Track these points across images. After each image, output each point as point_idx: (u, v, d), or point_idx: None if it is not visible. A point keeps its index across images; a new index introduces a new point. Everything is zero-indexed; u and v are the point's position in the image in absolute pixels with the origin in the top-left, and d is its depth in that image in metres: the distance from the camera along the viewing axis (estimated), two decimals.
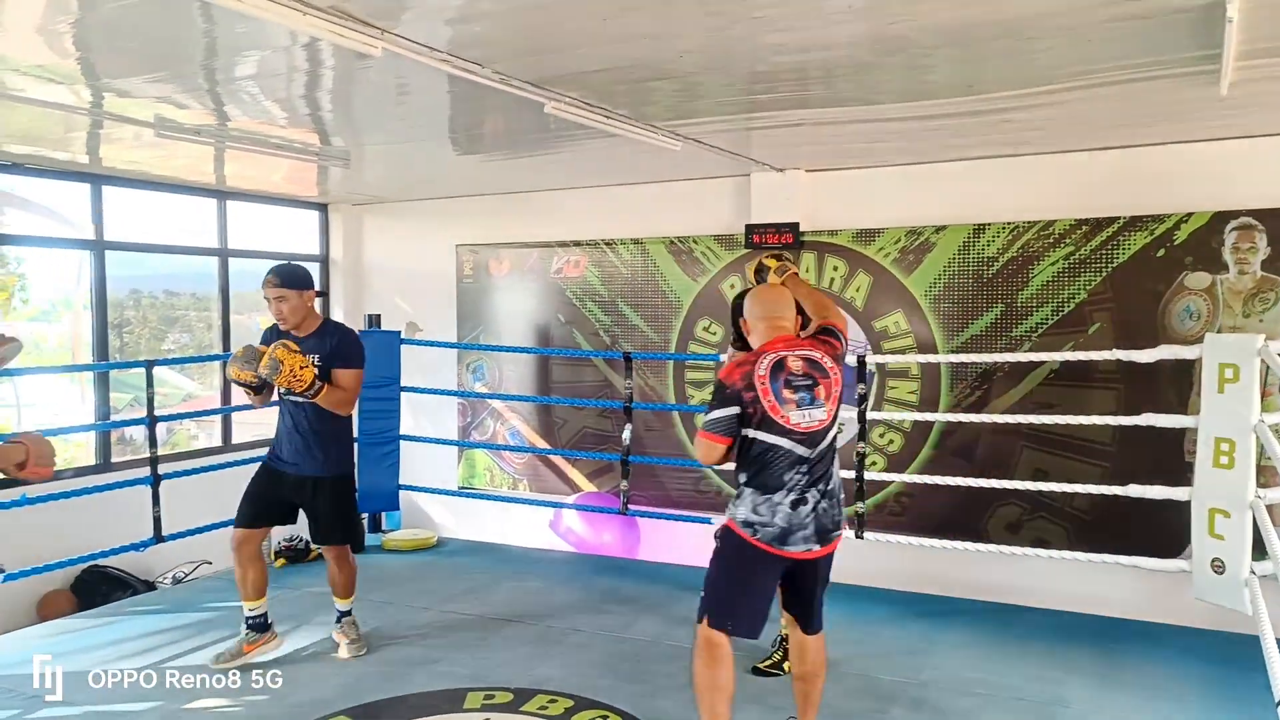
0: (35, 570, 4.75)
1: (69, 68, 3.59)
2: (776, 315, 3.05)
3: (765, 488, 2.88)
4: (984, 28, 3.03)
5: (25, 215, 6.34)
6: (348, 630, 4.13)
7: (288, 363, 3.63)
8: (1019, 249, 5.43)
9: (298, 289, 3.84)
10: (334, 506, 3.96)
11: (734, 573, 2.94)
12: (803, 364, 2.91)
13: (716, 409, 2.88)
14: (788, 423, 2.85)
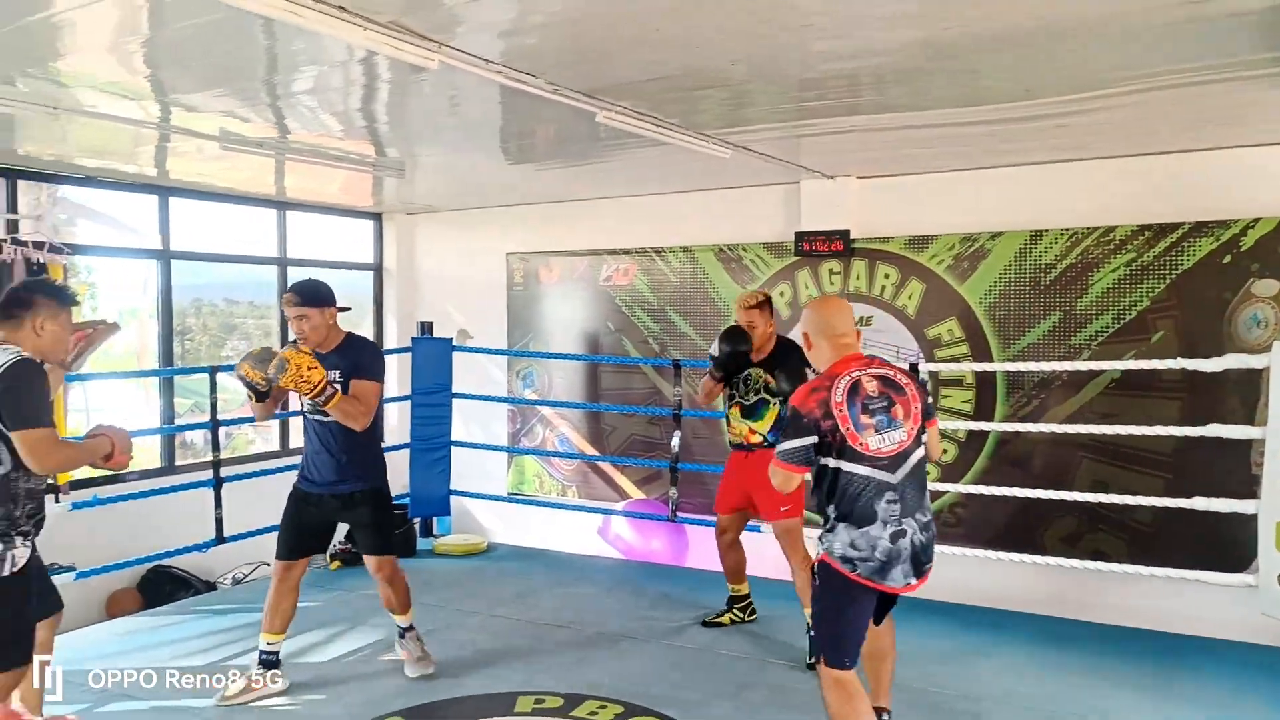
0: (104, 569, 4.92)
1: (139, 84, 3.72)
2: (841, 332, 2.92)
3: (858, 520, 2.76)
4: (1039, 32, 2.99)
5: (96, 226, 6.56)
6: (411, 647, 3.99)
7: (294, 361, 3.45)
8: (1078, 255, 5.34)
9: (319, 306, 3.65)
10: (371, 518, 3.82)
11: (839, 609, 2.85)
12: (877, 384, 2.81)
13: (793, 438, 2.78)
14: (867, 449, 2.74)
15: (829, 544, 2.82)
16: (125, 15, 2.90)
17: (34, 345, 2.85)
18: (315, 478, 3.78)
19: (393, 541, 3.95)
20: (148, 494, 5.24)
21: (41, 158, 5.31)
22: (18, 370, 2.72)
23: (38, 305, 2.85)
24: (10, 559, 2.74)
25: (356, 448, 3.74)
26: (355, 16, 2.78)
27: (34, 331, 2.84)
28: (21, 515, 2.78)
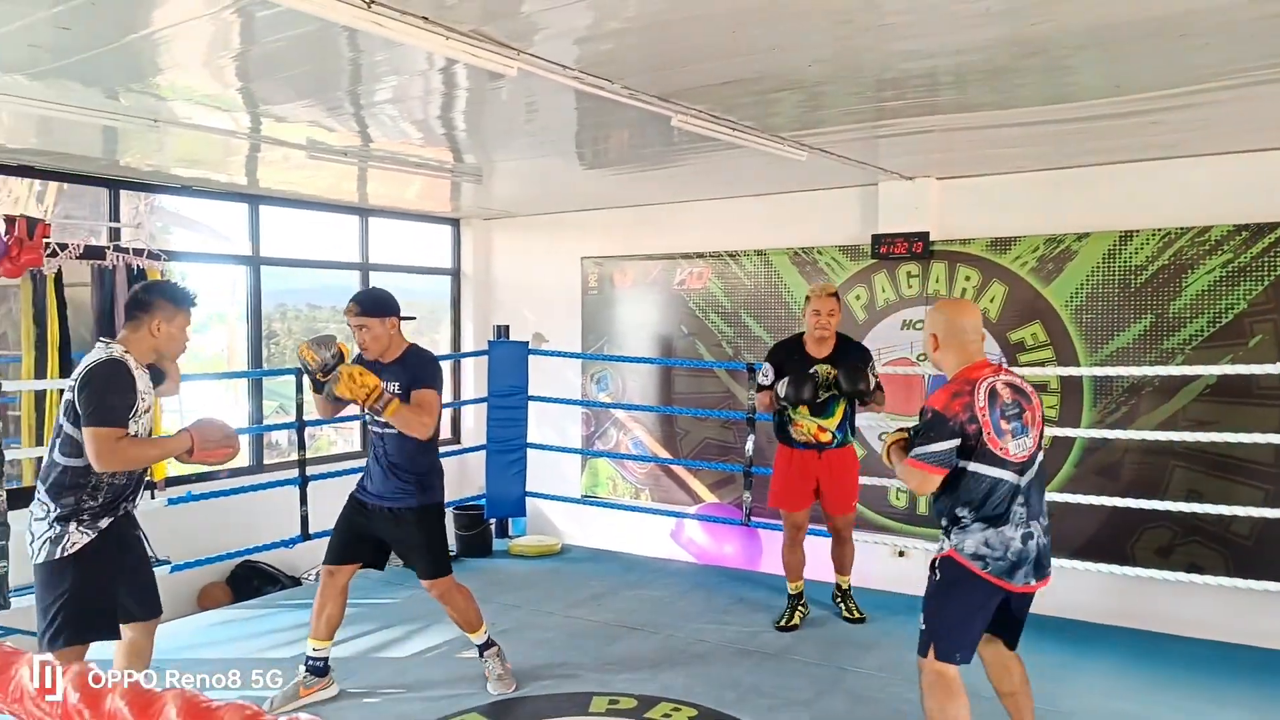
0: (196, 563, 5.11)
1: (231, 97, 3.86)
2: (972, 337, 2.93)
3: (993, 521, 2.81)
4: (1131, 27, 2.90)
5: (190, 233, 6.84)
6: (492, 664, 3.88)
7: (344, 371, 3.37)
8: (1170, 257, 5.14)
9: (380, 316, 3.56)
10: (419, 537, 3.69)
11: (960, 604, 2.87)
12: (1010, 391, 2.85)
13: (936, 441, 2.78)
14: (1006, 454, 2.79)
15: (959, 541, 2.85)
16: (218, 31, 3.02)
17: (151, 345, 3.02)
18: (372, 488, 3.72)
19: (444, 561, 3.79)
20: (237, 491, 5.43)
21: (140, 168, 5.55)
22: (98, 370, 2.87)
23: (155, 307, 3.02)
24: (66, 542, 2.88)
25: (410, 460, 3.63)
26: (437, 26, 2.85)
27: (150, 332, 3.01)
28: (95, 505, 2.92)
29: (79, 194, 6.01)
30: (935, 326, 2.96)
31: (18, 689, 1.05)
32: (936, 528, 3.02)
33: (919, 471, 2.83)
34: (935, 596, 2.91)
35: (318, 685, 3.73)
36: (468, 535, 6.09)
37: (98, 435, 2.83)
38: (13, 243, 5.08)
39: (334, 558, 3.74)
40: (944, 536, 2.90)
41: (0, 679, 1.21)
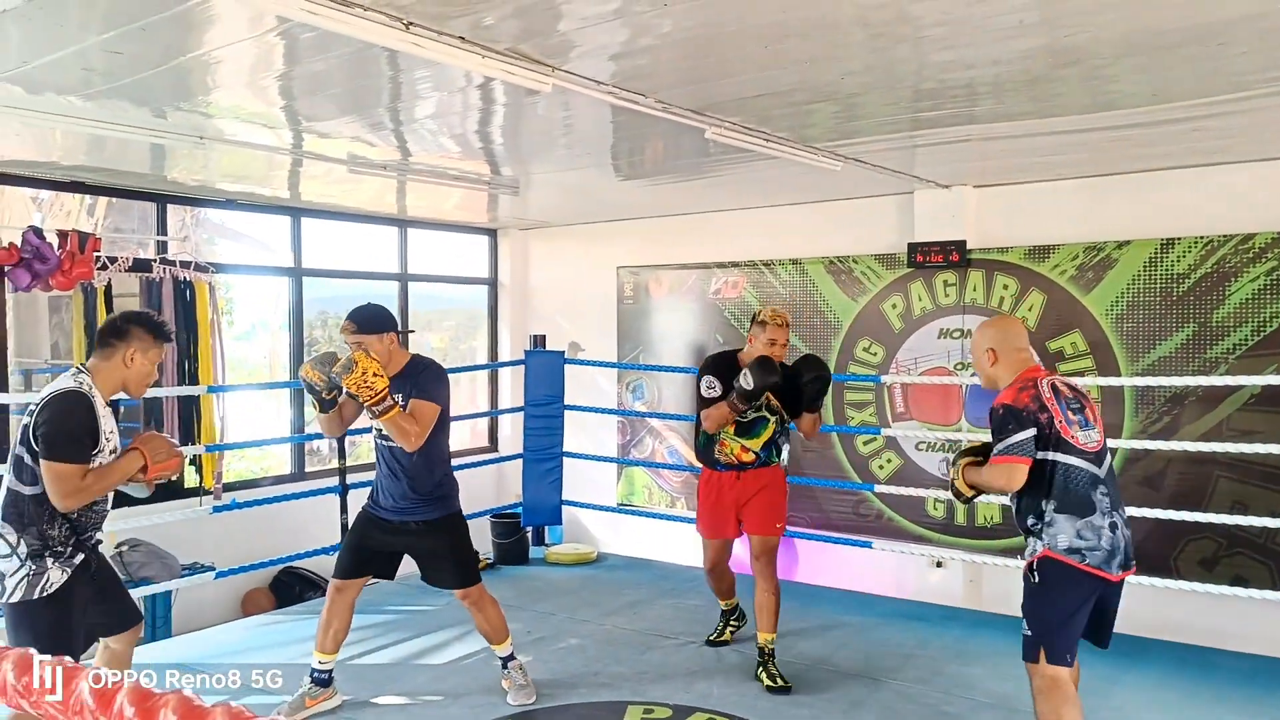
0: (240, 569, 5.21)
1: (275, 114, 3.96)
2: (1021, 347, 3.05)
3: (1080, 511, 2.85)
4: (1169, 35, 2.88)
5: (235, 245, 6.99)
6: (515, 675, 3.87)
7: (361, 365, 3.33)
8: (1213, 264, 5.07)
9: (376, 333, 3.51)
10: (445, 549, 3.69)
11: (1065, 603, 2.88)
12: (1066, 388, 2.97)
13: (1015, 432, 2.84)
14: (1078, 443, 2.87)
15: (1050, 539, 2.86)
16: (263, 53, 3.10)
17: (120, 377, 2.89)
18: (385, 504, 3.67)
19: (474, 569, 3.80)
20: (280, 499, 5.53)
21: (187, 183, 5.69)
22: (58, 402, 2.75)
23: (132, 337, 2.88)
24: (45, 581, 2.75)
25: (424, 473, 3.60)
26: (474, 45, 2.90)
27: (123, 362, 2.88)
28: (59, 536, 2.78)
29: (128, 208, 6.17)
30: (989, 342, 3.06)
31: (78, 701, 1.10)
32: (976, 538, 3.04)
33: (1006, 465, 2.84)
34: (1037, 599, 2.90)
35: (322, 696, 3.76)
36: (505, 543, 6.15)
37: (60, 472, 2.70)
38: (65, 256, 5.23)
39: (345, 573, 3.71)
40: (1032, 540, 2.92)
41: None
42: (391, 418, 3.41)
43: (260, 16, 2.71)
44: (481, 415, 8.07)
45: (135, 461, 2.87)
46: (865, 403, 6.27)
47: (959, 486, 3.07)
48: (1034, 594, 2.91)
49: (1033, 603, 2.91)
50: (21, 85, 3.42)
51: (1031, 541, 2.93)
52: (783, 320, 4.02)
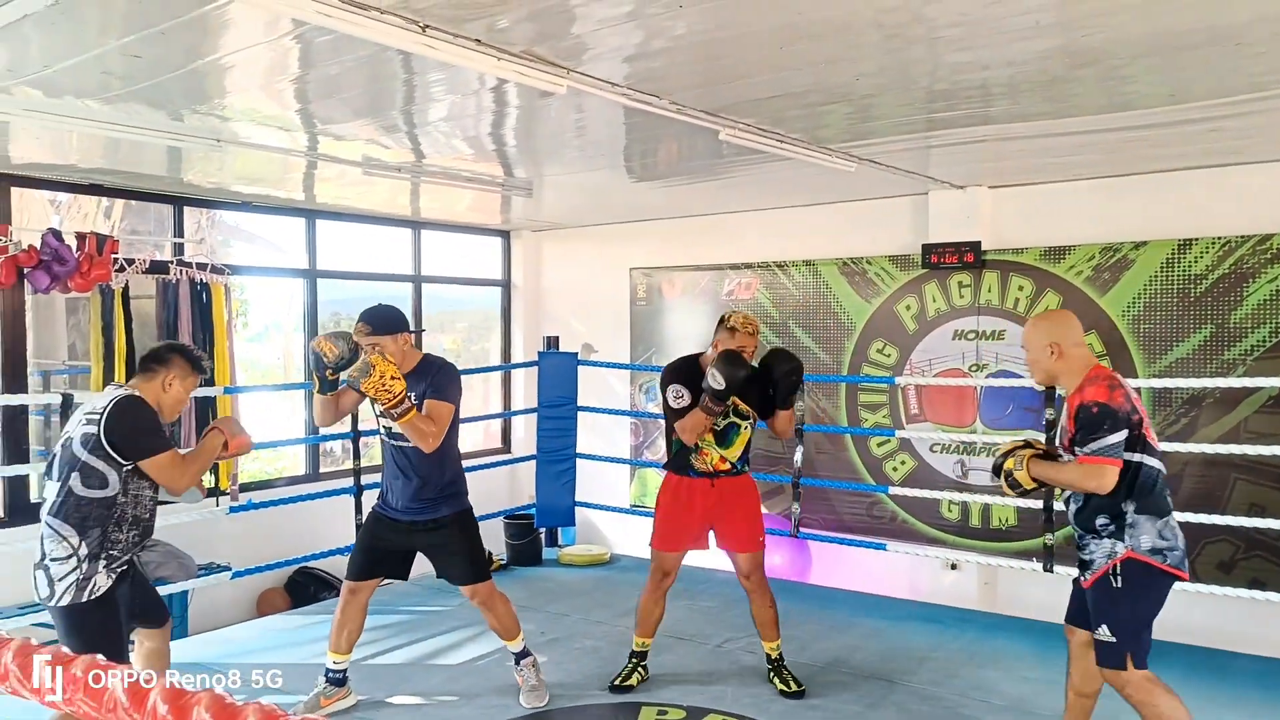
0: (255, 570, 5.24)
1: (290, 117, 3.98)
2: (1079, 341, 3.00)
3: (1160, 511, 2.84)
4: (1185, 36, 2.86)
5: (250, 247, 7.04)
6: (527, 674, 3.89)
7: (380, 368, 3.33)
8: (1231, 265, 5.03)
9: (391, 333, 3.52)
10: (459, 545, 3.70)
11: (1148, 604, 2.86)
12: (1130, 388, 2.94)
13: (1109, 434, 2.77)
14: (1155, 443, 2.87)
15: (1133, 540, 2.82)
16: (279, 57, 3.12)
17: (156, 399, 3.08)
18: (396, 504, 3.67)
19: (485, 566, 3.83)
20: (295, 500, 5.56)
21: (203, 185, 5.73)
22: (125, 405, 2.96)
23: (173, 364, 3.11)
24: (92, 585, 2.91)
25: (436, 472, 3.62)
26: (489, 48, 2.91)
27: (163, 386, 3.09)
28: (126, 540, 2.98)
29: (144, 210, 6.22)
30: (1052, 336, 2.96)
31: (112, 700, 1.11)
32: (991, 540, 3.02)
33: (1098, 467, 2.78)
34: (1122, 603, 2.83)
35: (337, 695, 3.79)
36: (518, 544, 6.16)
37: (162, 463, 2.97)
38: (83, 258, 5.27)
39: (358, 574, 3.73)
40: (1104, 541, 2.86)
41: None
42: (410, 420, 3.41)
43: (276, 20, 2.73)
44: (495, 416, 8.08)
45: (218, 439, 3.19)
46: (879, 404, 6.25)
47: (1019, 478, 2.99)
48: (1117, 598, 2.83)
49: (1115, 607, 2.84)
50: (41, 89, 3.46)
51: (1103, 544, 2.86)
52: (753, 328, 3.81)
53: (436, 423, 3.49)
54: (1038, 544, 4.97)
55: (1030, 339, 3.05)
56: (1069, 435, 2.90)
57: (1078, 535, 2.96)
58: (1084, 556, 2.95)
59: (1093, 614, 2.91)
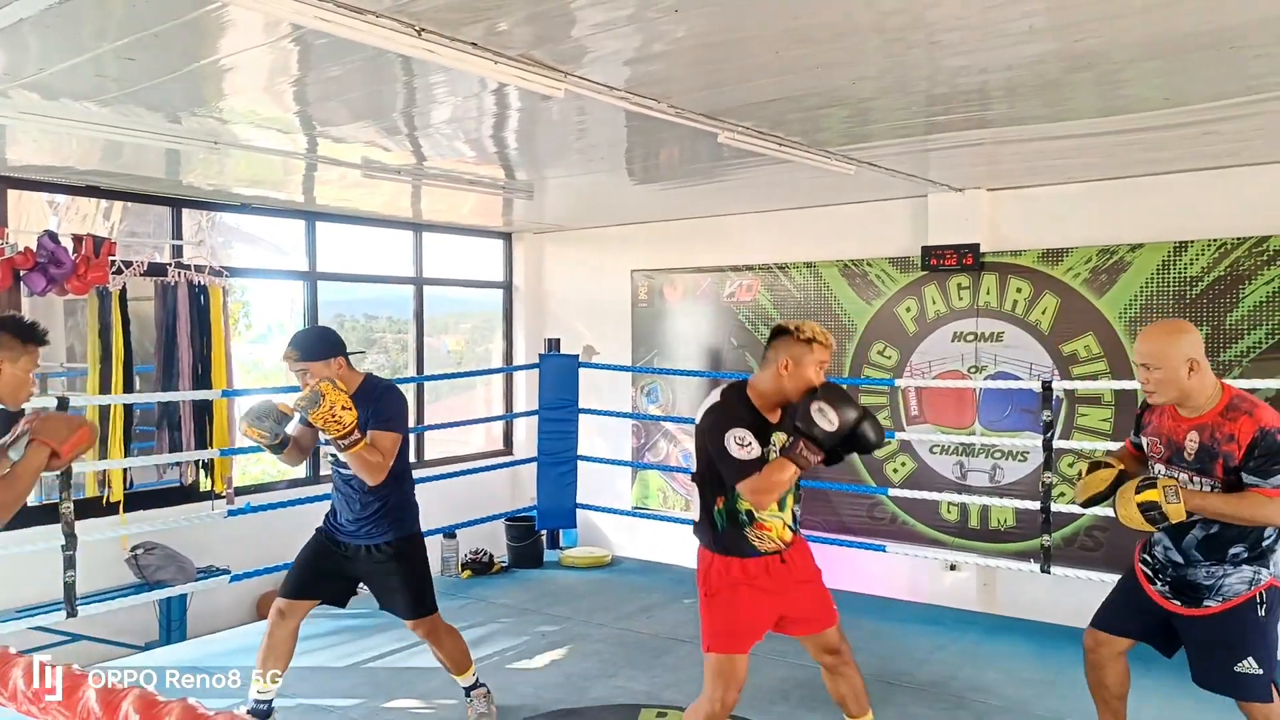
0: (254, 573, 5.23)
1: (290, 119, 3.98)
2: None
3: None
4: (1182, 39, 2.87)
5: (250, 249, 7.04)
6: (479, 705, 3.67)
7: (330, 398, 3.13)
8: (1227, 267, 5.03)
9: (323, 359, 3.33)
10: (401, 574, 3.44)
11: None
12: None
13: None
14: None
15: (1276, 568, 2.69)
16: (278, 59, 3.13)
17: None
18: (342, 526, 3.48)
19: (429, 598, 3.52)
20: (294, 503, 5.55)
21: (202, 187, 5.73)
22: None
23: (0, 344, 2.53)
24: None
25: (381, 496, 3.40)
26: (486, 52, 2.91)
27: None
28: None
29: (143, 212, 6.22)
30: (1193, 351, 2.68)
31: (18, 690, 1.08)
32: (990, 541, 2.97)
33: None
34: (1269, 632, 2.67)
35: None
36: (519, 546, 6.16)
37: None
38: (80, 261, 5.27)
39: (293, 592, 3.45)
40: (1247, 568, 2.68)
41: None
42: (357, 452, 3.21)
43: (275, 23, 2.73)
44: (496, 419, 8.09)
45: (40, 453, 2.52)
46: (879, 406, 6.25)
47: (1170, 511, 2.64)
48: (1264, 628, 2.67)
49: (1263, 637, 2.67)
50: (38, 91, 3.46)
51: (1241, 571, 2.68)
52: (831, 342, 2.99)
53: (383, 454, 3.28)
54: (1036, 545, 4.97)
55: (1164, 352, 2.69)
56: (1220, 461, 2.65)
57: (1191, 563, 2.76)
58: (1202, 582, 2.74)
59: (1221, 646, 2.71)
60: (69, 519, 4.24)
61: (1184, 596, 2.79)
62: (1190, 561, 2.76)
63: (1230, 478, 2.64)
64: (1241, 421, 2.62)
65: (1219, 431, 2.65)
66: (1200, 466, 2.69)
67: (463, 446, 7.83)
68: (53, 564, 4.25)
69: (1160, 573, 2.87)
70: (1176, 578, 2.81)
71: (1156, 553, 2.89)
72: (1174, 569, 2.81)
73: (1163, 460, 2.80)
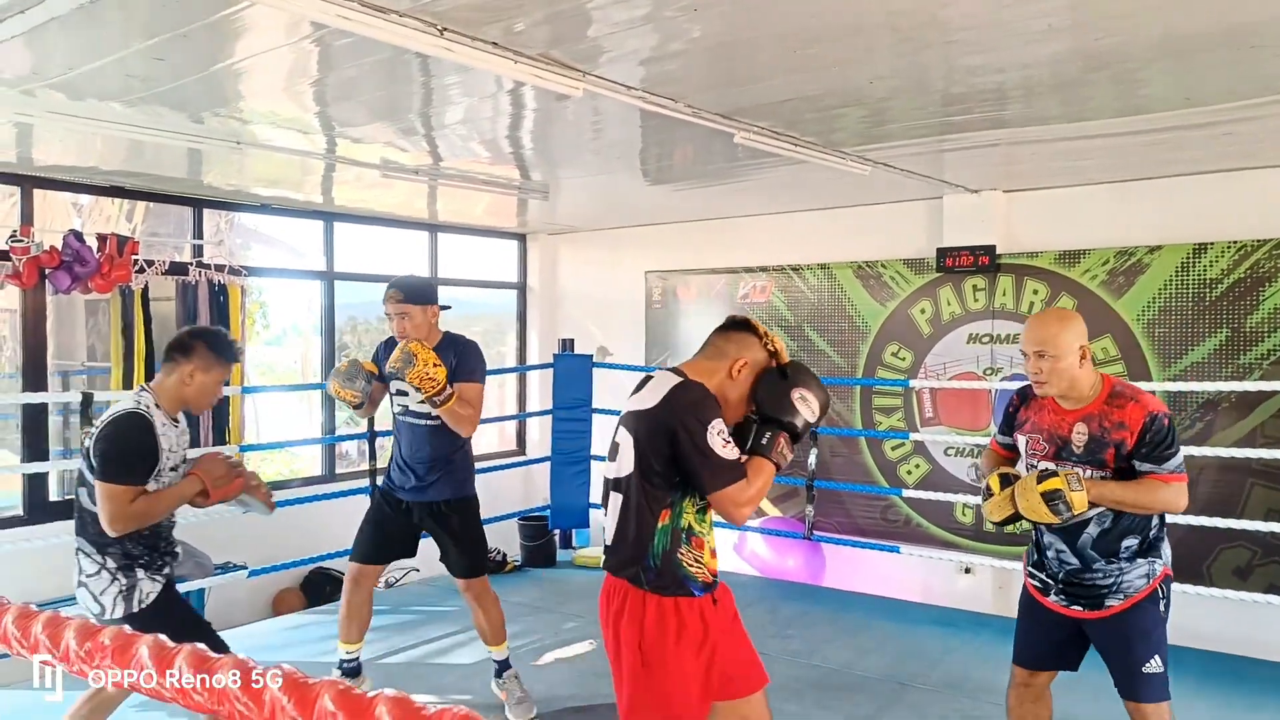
0: (271, 569, 5.29)
1: (309, 120, 4.02)
2: None
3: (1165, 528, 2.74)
4: (1201, 39, 2.86)
5: (268, 249, 7.10)
6: (510, 687, 3.76)
7: (422, 357, 3.28)
8: (1247, 269, 5.01)
9: (422, 304, 3.52)
10: (463, 530, 3.63)
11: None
12: None
13: (1178, 448, 2.60)
14: None
15: (1166, 557, 2.70)
16: (298, 60, 3.16)
17: (179, 395, 2.84)
18: (405, 484, 3.62)
19: (483, 559, 3.70)
20: (310, 499, 5.61)
21: (222, 188, 5.79)
22: (116, 423, 2.73)
23: (194, 353, 2.84)
24: (139, 593, 2.75)
25: (449, 453, 3.57)
26: (505, 50, 2.94)
27: (183, 380, 2.83)
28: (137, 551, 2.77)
29: (165, 212, 6.29)
30: (1081, 338, 2.65)
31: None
32: (1005, 544, 2.92)
33: (1181, 485, 2.59)
34: (1164, 626, 2.64)
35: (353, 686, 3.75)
36: (532, 545, 6.19)
37: (109, 493, 2.66)
38: (104, 259, 5.34)
39: (365, 557, 3.64)
40: (1142, 561, 2.63)
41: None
42: (450, 407, 3.37)
43: (297, 23, 2.77)
44: (510, 418, 8.12)
45: (192, 486, 2.83)
46: (894, 408, 6.24)
47: (1074, 500, 2.53)
48: (1161, 621, 2.63)
49: (1161, 631, 2.62)
50: (65, 92, 3.51)
51: (1137, 565, 2.63)
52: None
53: (472, 405, 3.46)
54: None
55: (1059, 338, 2.62)
56: (1113, 449, 2.59)
57: (1086, 563, 2.66)
58: (1100, 583, 2.65)
59: (1131, 645, 2.62)
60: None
61: (1083, 600, 2.69)
62: (1086, 562, 2.66)
63: (1122, 465, 2.59)
64: (1130, 409, 2.58)
65: (1107, 420, 2.60)
66: (1090, 458, 2.62)
67: (476, 446, 7.85)
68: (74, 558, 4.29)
69: (1054, 579, 2.75)
70: (1073, 582, 2.70)
71: (1047, 559, 2.76)
72: (1068, 573, 2.70)
73: (1047, 456, 2.70)
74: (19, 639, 1.27)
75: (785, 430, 2.30)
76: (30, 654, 1.28)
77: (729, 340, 2.37)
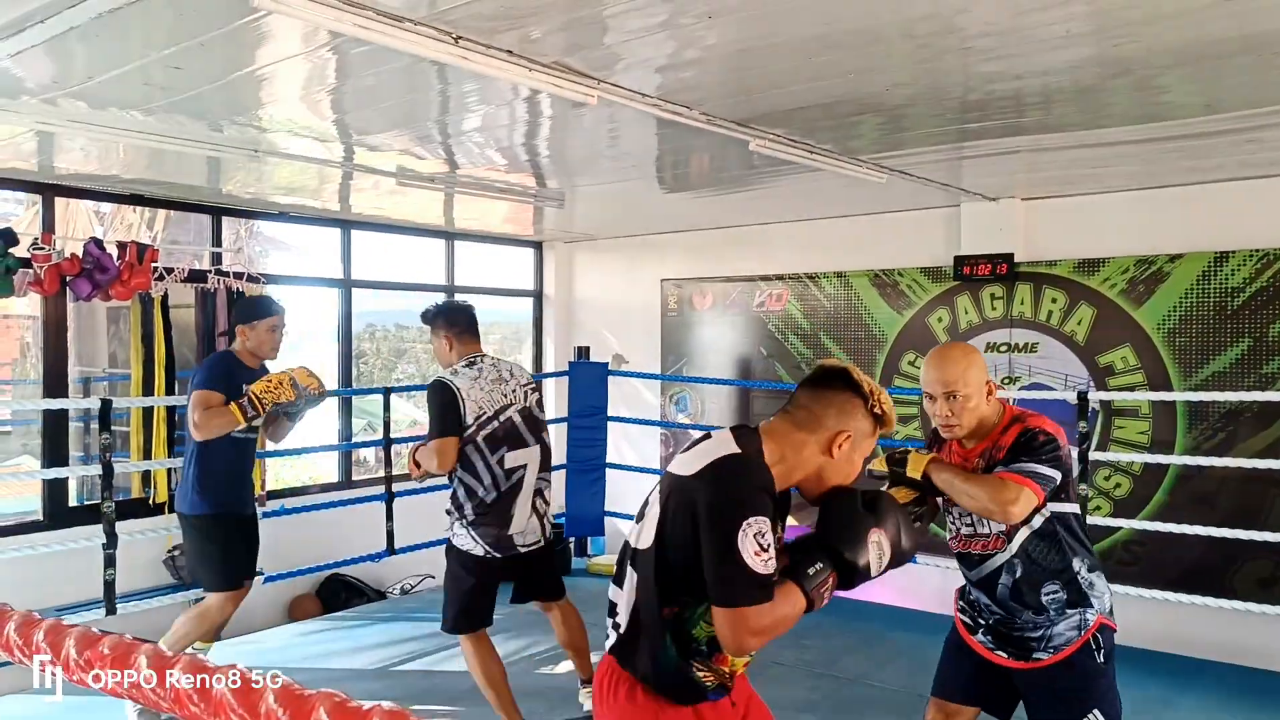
0: (288, 575, 5.30)
1: (326, 128, 4.05)
2: None
3: (1097, 562, 2.63)
4: (1222, 45, 2.83)
5: (286, 257, 7.15)
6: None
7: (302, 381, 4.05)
8: (1270, 278, 4.95)
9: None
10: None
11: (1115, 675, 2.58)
12: None
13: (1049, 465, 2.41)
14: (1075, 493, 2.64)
15: (1100, 603, 2.51)
16: (315, 68, 3.18)
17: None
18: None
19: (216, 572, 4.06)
20: (327, 506, 5.63)
21: (241, 196, 5.83)
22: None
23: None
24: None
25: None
26: (520, 59, 2.94)
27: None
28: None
29: (185, 220, 6.34)
30: (985, 372, 2.51)
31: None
32: None
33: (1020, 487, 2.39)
34: (1107, 679, 2.46)
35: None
36: None
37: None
38: (124, 267, 5.38)
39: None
40: (1073, 612, 2.46)
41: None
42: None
43: (314, 32, 2.78)
44: None
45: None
46: (910, 416, 6.20)
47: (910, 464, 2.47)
48: (1101, 673, 2.43)
49: (1104, 685, 2.44)
50: (86, 101, 3.55)
51: (1067, 616, 2.45)
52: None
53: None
54: None
55: (968, 376, 2.45)
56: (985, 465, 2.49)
57: (1009, 615, 2.52)
58: (1029, 634, 2.49)
59: (1057, 702, 2.46)
60: (110, 518, 4.32)
61: (1010, 648, 2.54)
62: (1011, 613, 2.52)
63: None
64: (1014, 429, 2.46)
65: (995, 447, 2.48)
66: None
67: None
68: (95, 562, 4.33)
69: (980, 617, 2.61)
70: (1000, 627, 2.56)
71: (973, 597, 2.63)
72: (995, 620, 2.57)
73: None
74: (20, 646, 1.27)
75: (839, 571, 1.91)
76: (29, 659, 1.29)
77: (826, 403, 1.90)
